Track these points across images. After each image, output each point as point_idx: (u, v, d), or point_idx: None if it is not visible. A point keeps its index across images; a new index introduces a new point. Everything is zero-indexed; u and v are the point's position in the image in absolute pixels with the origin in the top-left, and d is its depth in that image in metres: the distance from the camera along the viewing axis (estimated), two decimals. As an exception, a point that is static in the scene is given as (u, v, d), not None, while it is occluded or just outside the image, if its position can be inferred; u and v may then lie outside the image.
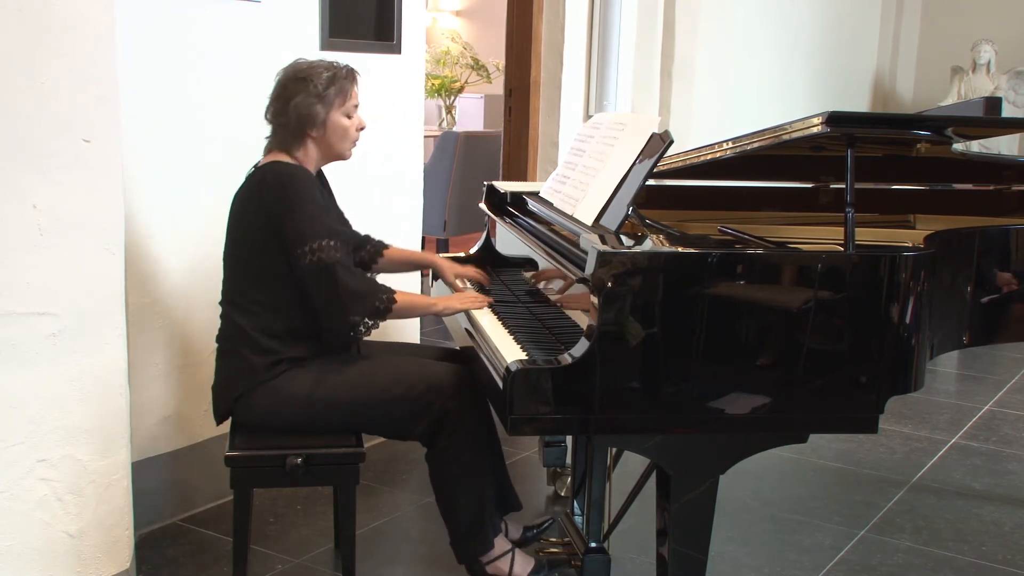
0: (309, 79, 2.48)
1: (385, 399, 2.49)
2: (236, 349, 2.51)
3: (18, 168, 2.28)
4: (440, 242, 6.04)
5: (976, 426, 4.35)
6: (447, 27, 9.55)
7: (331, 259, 2.39)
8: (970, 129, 2.94)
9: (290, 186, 2.42)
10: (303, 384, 2.47)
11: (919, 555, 3.11)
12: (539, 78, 5.06)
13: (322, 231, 2.40)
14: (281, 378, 2.48)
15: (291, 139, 2.51)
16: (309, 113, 2.47)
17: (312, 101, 2.47)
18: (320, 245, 2.39)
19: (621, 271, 2.06)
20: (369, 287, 2.47)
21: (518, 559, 2.62)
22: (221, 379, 2.56)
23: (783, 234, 2.84)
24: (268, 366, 2.47)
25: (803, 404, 2.20)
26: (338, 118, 2.51)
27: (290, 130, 2.50)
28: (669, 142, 2.33)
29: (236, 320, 2.51)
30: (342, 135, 2.54)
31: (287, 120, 2.49)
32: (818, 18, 7.19)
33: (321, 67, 2.51)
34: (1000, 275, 2.76)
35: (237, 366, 2.50)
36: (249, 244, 2.49)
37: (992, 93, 7.40)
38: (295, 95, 2.47)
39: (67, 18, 2.33)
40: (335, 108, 2.50)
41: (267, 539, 3.04)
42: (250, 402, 2.49)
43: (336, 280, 2.40)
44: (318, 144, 2.53)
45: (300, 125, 2.49)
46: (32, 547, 2.42)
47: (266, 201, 2.43)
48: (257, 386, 2.47)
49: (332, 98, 2.49)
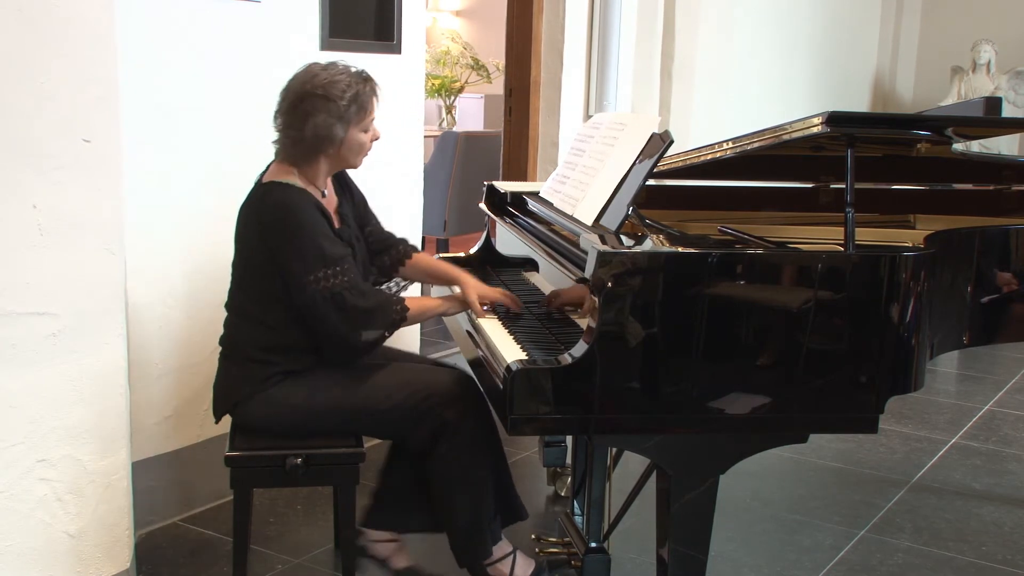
0: (330, 98, 2.36)
1: (385, 406, 2.48)
2: (237, 356, 2.50)
3: (18, 168, 2.28)
4: (440, 242, 6.04)
5: (976, 426, 4.35)
6: (447, 27, 9.55)
7: (338, 287, 2.35)
8: (970, 129, 2.95)
9: (289, 218, 2.36)
10: (301, 392, 2.46)
11: (919, 555, 3.11)
12: (539, 78, 5.06)
13: (325, 260, 2.35)
14: (279, 387, 2.47)
15: (302, 156, 2.44)
16: (328, 135, 2.39)
17: (332, 122, 2.38)
18: (325, 275, 2.34)
19: (621, 271, 2.06)
20: (380, 302, 2.43)
21: (519, 561, 2.62)
22: (221, 381, 2.55)
23: (783, 234, 2.83)
24: (267, 376, 2.46)
25: (803, 404, 2.20)
26: (356, 135, 2.44)
27: (303, 147, 2.41)
28: (669, 142, 2.33)
29: (238, 329, 2.52)
30: (358, 150, 2.48)
31: (301, 136, 2.39)
32: (818, 18, 7.19)
33: (341, 81, 2.38)
34: (1000, 275, 2.76)
35: (237, 372, 2.50)
36: (252, 266, 2.47)
37: (992, 93, 7.40)
38: (314, 113, 2.37)
39: (67, 18, 2.33)
40: (354, 125, 2.42)
41: (267, 539, 3.04)
42: (249, 409, 2.48)
43: (346, 306, 2.36)
44: (331, 159, 2.47)
45: (316, 145, 2.41)
46: (32, 547, 2.42)
47: (266, 230, 2.39)
48: (255, 394, 2.47)
49: (352, 116, 2.40)
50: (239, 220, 2.51)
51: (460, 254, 3.30)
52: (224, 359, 2.56)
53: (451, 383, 2.52)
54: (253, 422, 2.49)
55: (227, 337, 2.56)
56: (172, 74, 3.01)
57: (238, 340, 2.51)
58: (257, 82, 3.24)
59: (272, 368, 2.47)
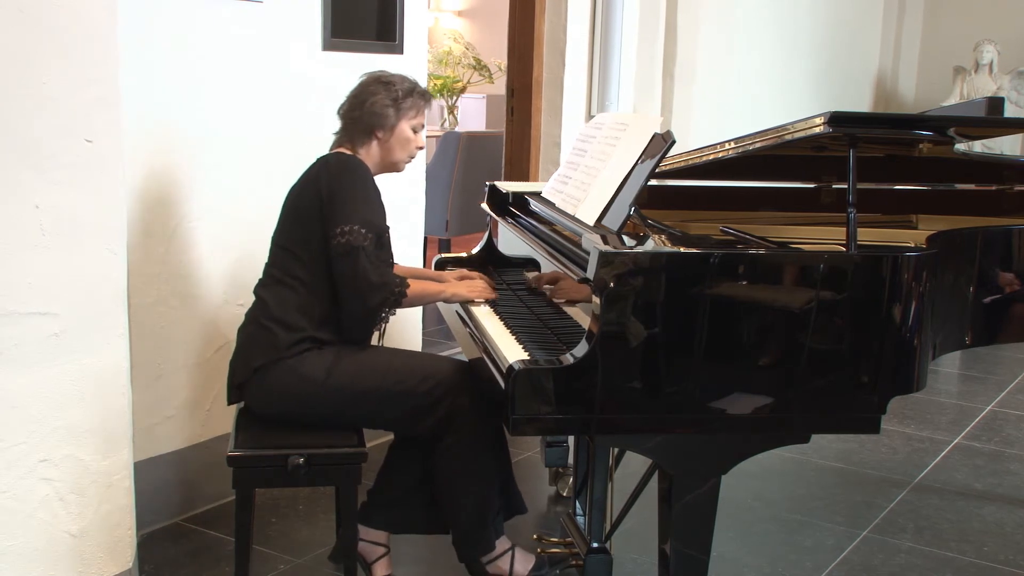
0: (391, 84, 2.62)
1: (397, 390, 2.49)
2: (266, 323, 2.53)
3: (20, 168, 2.28)
4: (442, 242, 6.05)
5: (978, 426, 4.35)
6: (449, 27, 9.55)
7: (357, 243, 2.44)
8: (972, 129, 2.95)
9: (348, 172, 2.52)
10: (320, 366, 2.49)
11: (921, 555, 3.10)
12: (541, 78, 5.06)
13: (358, 217, 2.46)
14: (301, 357, 2.49)
15: (358, 136, 2.62)
16: (382, 113, 2.59)
17: (387, 103, 2.60)
18: (352, 228, 2.45)
19: (623, 271, 2.06)
20: (387, 278, 2.51)
21: (518, 557, 2.63)
22: (243, 349, 2.57)
23: (785, 234, 2.83)
24: (292, 343, 2.49)
25: (805, 404, 2.20)
26: (405, 128, 2.63)
27: (360, 127, 2.61)
28: (671, 142, 2.33)
29: (274, 294, 2.55)
30: (404, 144, 2.65)
31: (359, 115, 2.60)
32: (819, 18, 7.19)
33: (405, 80, 2.66)
34: (1002, 275, 2.76)
35: (263, 339, 2.52)
36: (302, 222, 2.55)
37: (994, 93, 7.39)
38: (373, 95, 2.60)
39: (68, 18, 2.33)
40: (406, 117, 2.63)
41: (269, 539, 3.05)
42: (267, 377, 2.49)
43: (357, 266, 2.45)
44: (381, 147, 2.64)
45: (370, 123, 2.60)
46: (34, 547, 2.42)
47: (322, 180, 2.52)
48: (278, 361, 2.49)
49: (407, 108, 2.62)
50: (293, 188, 2.62)
51: (462, 254, 3.30)
52: (248, 327, 2.58)
53: (461, 374, 2.54)
54: (267, 393, 2.50)
55: (258, 301, 2.60)
56: (173, 74, 3.01)
57: (271, 303, 2.54)
58: (258, 82, 3.24)
59: (298, 334, 2.49)
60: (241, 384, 2.55)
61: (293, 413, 2.51)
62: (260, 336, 2.53)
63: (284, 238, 2.60)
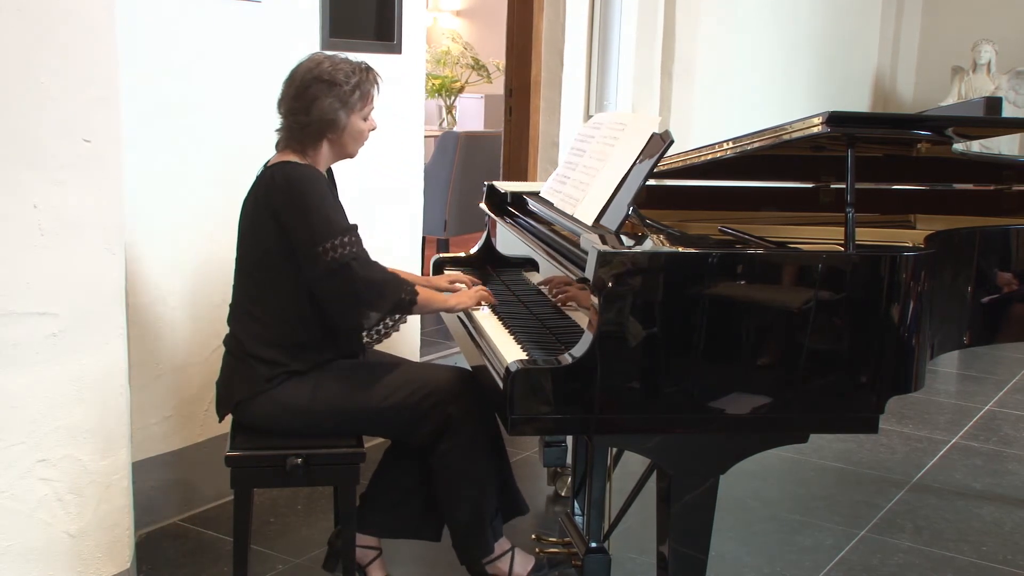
0: (335, 83, 2.44)
1: (386, 405, 2.48)
2: (241, 355, 2.50)
3: (19, 168, 2.28)
4: (441, 242, 6.05)
5: (977, 426, 4.35)
6: (447, 27, 9.55)
7: (347, 256, 2.36)
8: (970, 129, 2.94)
9: (298, 186, 2.39)
10: (303, 393, 2.46)
11: (919, 555, 3.11)
12: (539, 78, 5.06)
13: (335, 230, 2.37)
14: (282, 388, 2.46)
15: (307, 140, 2.48)
16: (332, 118, 2.45)
17: (337, 106, 2.44)
18: (333, 244, 2.35)
19: (621, 271, 2.06)
20: (391, 279, 2.44)
21: (517, 558, 2.63)
22: (225, 380, 2.55)
23: (783, 234, 2.84)
24: (270, 377, 2.46)
25: (804, 404, 2.20)
26: (357, 122, 2.50)
27: (309, 132, 2.47)
28: (669, 142, 2.33)
29: (244, 327, 2.50)
30: (357, 137, 2.53)
31: (307, 121, 2.45)
32: (818, 18, 7.19)
33: (346, 69, 2.47)
34: (1000, 275, 2.76)
35: (240, 372, 2.49)
36: (260, 251, 2.47)
37: (992, 93, 7.39)
38: (320, 97, 2.43)
39: (67, 18, 2.33)
40: (356, 112, 2.48)
41: (267, 539, 3.04)
42: (251, 408, 2.48)
43: (354, 277, 2.37)
44: (333, 145, 2.51)
45: (321, 128, 2.46)
46: (32, 547, 2.42)
47: (274, 203, 2.40)
48: (257, 395, 2.47)
49: (355, 103, 2.47)
50: (245, 209, 2.51)
51: (460, 254, 3.30)
52: (228, 357, 2.55)
53: (452, 380, 2.52)
54: (255, 422, 2.49)
55: (231, 335, 2.55)
56: (172, 74, 3.01)
57: (242, 338, 2.50)
58: (258, 82, 3.24)
59: (276, 368, 2.46)
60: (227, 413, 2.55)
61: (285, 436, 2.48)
62: (238, 369, 2.50)
63: (244, 266, 2.53)
